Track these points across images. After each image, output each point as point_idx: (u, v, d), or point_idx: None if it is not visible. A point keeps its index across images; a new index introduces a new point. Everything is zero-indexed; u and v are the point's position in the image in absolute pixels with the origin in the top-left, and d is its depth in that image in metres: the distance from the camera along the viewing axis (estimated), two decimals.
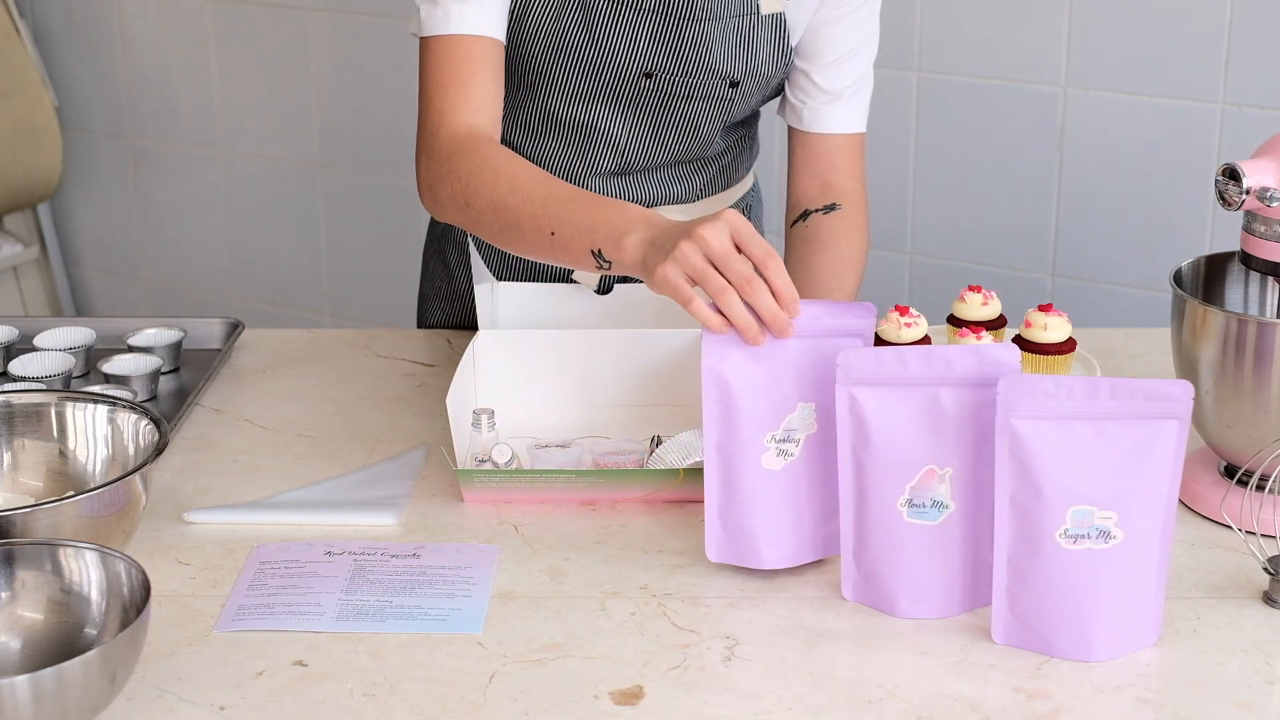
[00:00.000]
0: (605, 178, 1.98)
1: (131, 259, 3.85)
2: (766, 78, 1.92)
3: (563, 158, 1.97)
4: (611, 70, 1.88)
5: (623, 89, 1.90)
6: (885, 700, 1.39)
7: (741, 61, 1.89)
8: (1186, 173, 2.80)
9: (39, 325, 2.04)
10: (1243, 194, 1.59)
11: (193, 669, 1.43)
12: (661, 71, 1.88)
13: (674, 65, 1.88)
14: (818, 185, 1.97)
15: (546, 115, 1.94)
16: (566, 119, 1.93)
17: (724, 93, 1.90)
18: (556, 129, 1.95)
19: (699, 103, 1.91)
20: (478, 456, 1.69)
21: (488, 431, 1.69)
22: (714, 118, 1.94)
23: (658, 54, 1.87)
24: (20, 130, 3.55)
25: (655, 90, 1.90)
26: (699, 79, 1.89)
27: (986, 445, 1.46)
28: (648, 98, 1.91)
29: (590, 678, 1.41)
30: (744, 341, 1.52)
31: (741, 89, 1.91)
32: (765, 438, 1.54)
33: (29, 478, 1.65)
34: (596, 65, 1.88)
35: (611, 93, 1.91)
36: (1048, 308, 1.83)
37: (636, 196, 1.99)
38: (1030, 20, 2.86)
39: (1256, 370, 1.60)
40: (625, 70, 1.88)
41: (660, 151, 1.96)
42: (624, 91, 1.90)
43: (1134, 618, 1.44)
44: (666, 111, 1.92)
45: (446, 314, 2.15)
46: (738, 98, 1.92)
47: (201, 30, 3.57)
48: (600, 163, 1.96)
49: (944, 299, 2.08)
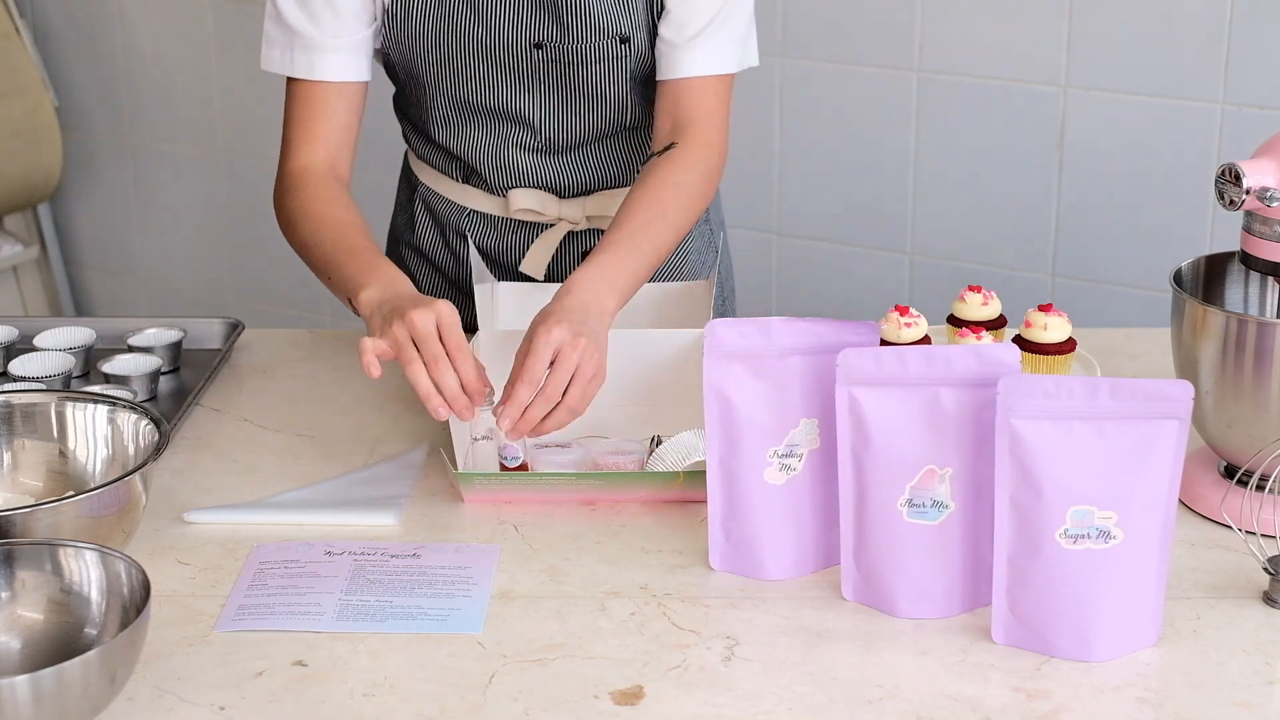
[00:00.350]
0: (535, 159, 2.01)
1: (131, 259, 3.85)
2: (652, 27, 1.94)
3: (486, 145, 2.01)
4: (503, 48, 1.93)
5: (520, 64, 1.94)
6: (885, 700, 1.39)
7: (626, 16, 1.92)
8: (1186, 173, 2.80)
9: (39, 325, 2.04)
10: (1243, 194, 1.59)
11: (193, 669, 1.43)
12: (551, 41, 1.92)
13: (561, 33, 1.92)
14: (668, 124, 1.96)
15: (459, 106, 1.99)
16: (477, 106, 1.98)
17: (617, 50, 1.93)
18: (472, 118, 2.00)
19: (595, 65, 1.94)
20: (474, 435, 1.71)
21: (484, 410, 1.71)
22: (616, 79, 1.96)
23: (543, 24, 1.92)
24: (20, 130, 3.55)
25: (551, 61, 1.94)
26: (589, 41, 1.92)
27: (986, 445, 1.46)
28: (546, 70, 1.95)
29: (590, 678, 1.41)
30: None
31: (633, 45, 1.94)
32: (768, 453, 1.55)
33: (29, 478, 1.65)
34: (488, 45, 1.93)
35: (511, 71, 1.95)
36: (1048, 308, 1.83)
37: (574, 181, 2.03)
38: (1030, 20, 2.86)
39: (1256, 370, 1.60)
40: (516, 45, 1.93)
41: (577, 124, 1.99)
42: (522, 67, 1.95)
43: (1134, 618, 1.44)
44: (568, 80, 1.96)
45: None
46: (631, 54, 1.94)
47: (201, 30, 3.57)
48: (522, 144, 2.01)
49: (944, 299, 2.08)
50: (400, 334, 1.66)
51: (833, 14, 2.96)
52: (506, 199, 2.04)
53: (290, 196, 1.94)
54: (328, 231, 1.87)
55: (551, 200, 2.04)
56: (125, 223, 3.82)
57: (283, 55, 1.95)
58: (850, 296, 3.12)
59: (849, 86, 3.01)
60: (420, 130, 2.07)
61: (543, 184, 2.03)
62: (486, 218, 2.07)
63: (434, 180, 2.09)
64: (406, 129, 2.11)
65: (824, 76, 3.00)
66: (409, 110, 2.07)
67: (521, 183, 2.03)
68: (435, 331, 1.66)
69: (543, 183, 2.03)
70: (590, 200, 2.05)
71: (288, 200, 1.94)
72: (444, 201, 2.09)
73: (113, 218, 3.83)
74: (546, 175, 2.03)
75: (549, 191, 2.04)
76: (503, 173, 2.03)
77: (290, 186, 1.95)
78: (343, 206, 1.91)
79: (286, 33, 1.93)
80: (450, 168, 2.06)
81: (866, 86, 3.01)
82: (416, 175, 2.12)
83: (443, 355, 1.65)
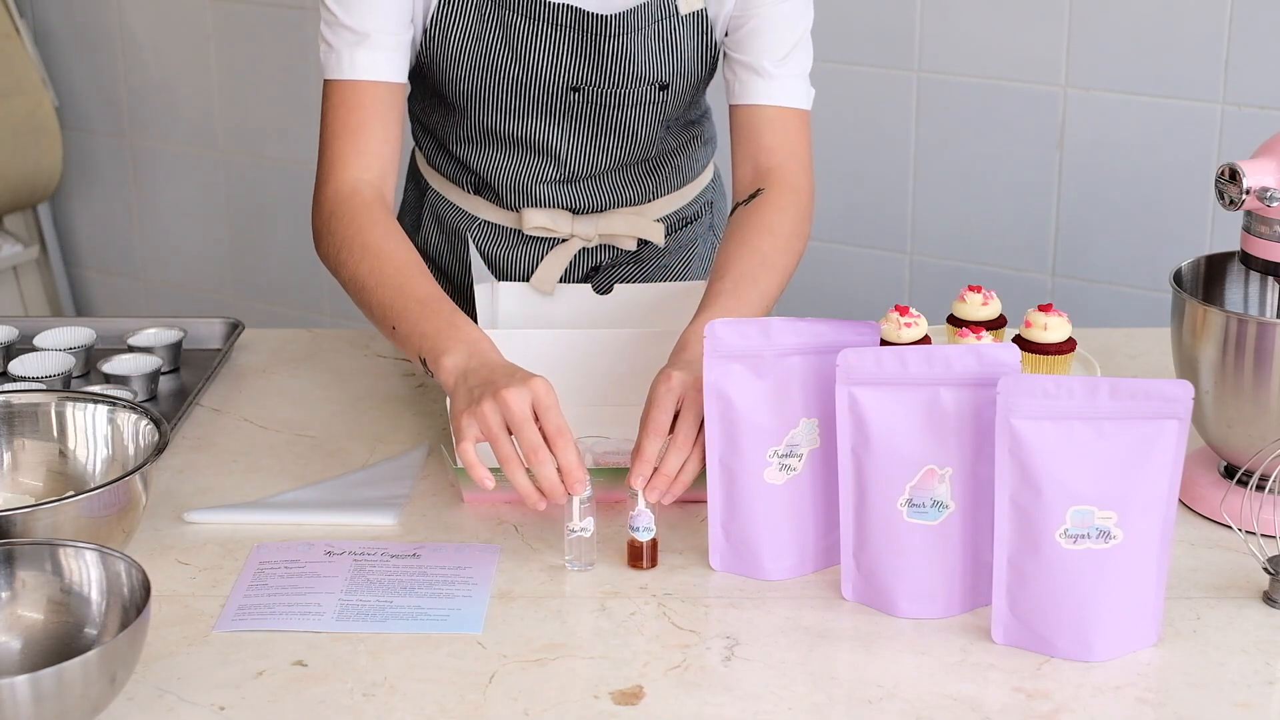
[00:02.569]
0: (554, 186, 1.98)
1: (131, 259, 3.85)
2: (695, 75, 1.92)
3: (509, 169, 1.98)
4: (539, 87, 1.89)
5: (553, 103, 1.91)
6: (885, 700, 1.39)
7: (668, 65, 1.89)
8: (1186, 173, 2.80)
9: (39, 325, 2.04)
10: (1243, 194, 1.59)
11: (193, 669, 1.43)
12: (588, 85, 1.88)
13: (600, 78, 1.88)
14: (750, 170, 1.90)
15: (485, 131, 1.95)
16: (504, 134, 1.94)
17: (654, 97, 1.91)
18: (498, 143, 1.96)
19: (631, 109, 1.92)
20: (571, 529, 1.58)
21: None
22: (649, 122, 1.94)
23: (582, 68, 1.87)
24: (20, 130, 3.55)
25: (585, 102, 1.90)
26: (627, 88, 1.89)
27: (986, 445, 1.46)
28: (579, 110, 1.91)
29: (590, 678, 1.41)
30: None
31: (672, 90, 1.91)
32: (768, 453, 1.54)
33: (29, 478, 1.65)
34: (523, 83, 1.88)
35: (543, 107, 1.91)
36: (1048, 308, 1.83)
37: (590, 202, 2.00)
38: (1030, 20, 2.86)
39: (1256, 370, 1.60)
40: (553, 86, 1.89)
41: (603, 158, 1.97)
42: (555, 106, 1.91)
43: (1134, 618, 1.44)
44: (600, 120, 1.93)
45: None
46: (669, 100, 1.92)
47: (201, 30, 3.57)
48: (544, 172, 1.97)
49: (944, 299, 2.08)
50: (494, 420, 1.55)
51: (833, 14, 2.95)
52: (519, 214, 2.01)
53: (339, 223, 1.80)
54: (390, 274, 1.74)
55: (565, 218, 2.01)
56: (125, 223, 3.82)
57: (337, 60, 1.82)
58: (850, 296, 3.13)
59: (849, 86, 3.01)
60: (437, 140, 2.04)
61: (558, 204, 2.00)
62: (496, 228, 2.04)
63: (443, 187, 2.06)
64: (419, 132, 2.07)
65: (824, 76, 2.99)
66: (428, 118, 2.02)
67: (537, 204, 2.00)
68: (531, 414, 1.55)
69: (558, 203, 2.00)
70: (603, 219, 2.02)
71: (337, 226, 1.80)
72: (453, 209, 2.05)
73: (113, 218, 3.83)
74: (564, 197, 2.00)
75: (563, 209, 2.01)
76: (519, 194, 2.00)
77: (338, 211, 1.80)
78: (404, 245, 1.78)
79: (341, 35, 1.81)
80: (462, 179, 2.03)
81: (866, 86, 3.01)
82: (426, 180, 2.09)
83: (541, 444, 1.54)
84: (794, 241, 1.86)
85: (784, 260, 1.84)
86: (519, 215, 2.01)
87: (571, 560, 1.57)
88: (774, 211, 1.86)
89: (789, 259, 1.85)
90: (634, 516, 1.56)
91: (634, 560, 1.57)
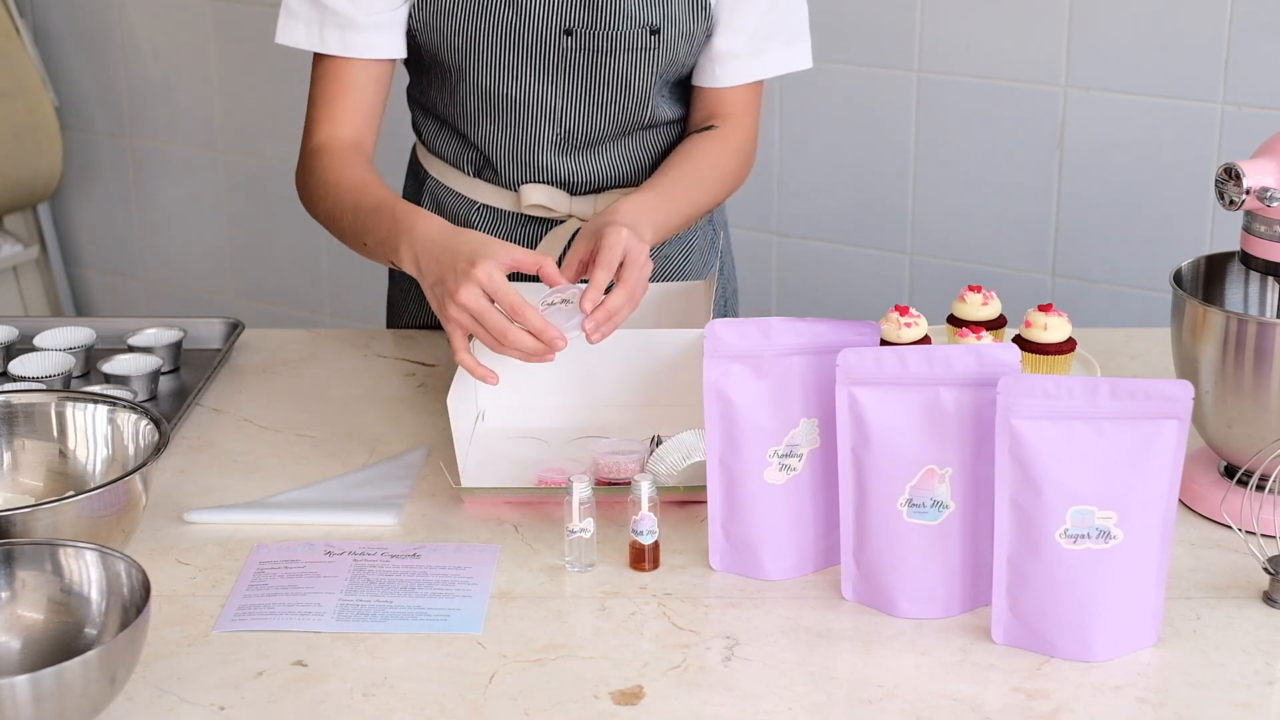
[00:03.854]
0: (551, 156, 2.02)
1: (131, 259, 3.85)
2: (686, 26, 1.95)
3: (507, 139, 2.01)
4: (533, 32, 1.93)
5: (547, 51, 1.94)
6: (885, 700, 1.39)
7: (659, 7, 1.93)
8: (1186, 173, 2.80)
9: (39, 325, 2.04)
10: (1243, 194, 1.59)
11: (193, 669, 1.43)
12: (581, 27, 1.92)
13: (592, 18, 1.92)
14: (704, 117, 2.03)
15: (483, 97, 1.98)
16: (501, 96, 1.98)
17: (647, 41, 1.94)
18: (495, 110, 1.99)
19: (624, 55, 1.95)
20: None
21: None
22: (643, 72, 1.97)
23: (574, 9, 1.92)
24: (20, 130, 3.55)
25: (579, 49, 1.94)
26: (619, 29, 1.93)
27: (986, 445, 1.46)
28: (573, 59, 1.95)
29: (590, 678, 1.41)
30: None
31: (663, 37, 1.94)
32: (768, 453, 1.54)
33: (29, 478, 1.65)
34: (517, 29, 1.93)
35: (538, 58, 1.95)
36: (1048, 308, 1.83)
37: (588, 178, 2.04)
38: (1030, 20, 2.86)
39: (1256, 370, 1.60)
40: (546, 30, 1.93)
41: (600, 118, 1.99)
42: (549, 55, 1.95)
43: (1134, 618, 1.44)
44: (594, 70, 1.96)
45: (415, 315, 2.16)
46: (661, 47, 1.95)
47: (201, 30, 3.57)
48: (543, 138, 2.00)
49: (944, 299, 2.08)
50: (463, 319, 1.68)
51: (833, 14, 2.96)
52: (518, 194, 2.04)
53: (311, 177, 1.93)
54: (348, 198, 1.87)
55: (563, 196, 2.03)
56: (125, 223, 3.82)
57: (309, 31, 1.95)
58: (850, 296, 3.13)
59: (849, 86, 3.01)
60: (437, 119, 2.06)
61: (557, 180, 2.03)
62: (496, 212, 2.06)
63: (443, 173, 2.08)
64: (419, 118, 2.10)
65: (824, 76, 2.99)
66: (427, 99, 2.06)
67: (536, 178, 2.03)
68: (488, 300, 1.67)
69: (557, 179, 2.03)
70: (602, 198, 2.04)
71: (308, 178, 1.94)
72: (453, 195, 2.08)
73: (113, 218, 3.83)
74: (562, 171, 2.02)
75: (561, 188, 2.04)
76: (518, 167, 2.02)
77: (311, 162, 1.94)
78: (359, 170, 1.91)
79: (316, 8, 1.93)
80: (462, 160, 2.05)
81: (866, 86, 3.01)
82: (425, 168, 2.11)
83: (508, 325, 1.67)
84: (728, 179, 2.02)
85: (716, 189, 2.00)
86: (518, 196, 2.03)
87: (571, 561, 1.57)
88: (721, 147, 2.00)
89: (721, 190, 2.01)
90: (637, 520, 1.56)
91: (636, 563, 1.57)
